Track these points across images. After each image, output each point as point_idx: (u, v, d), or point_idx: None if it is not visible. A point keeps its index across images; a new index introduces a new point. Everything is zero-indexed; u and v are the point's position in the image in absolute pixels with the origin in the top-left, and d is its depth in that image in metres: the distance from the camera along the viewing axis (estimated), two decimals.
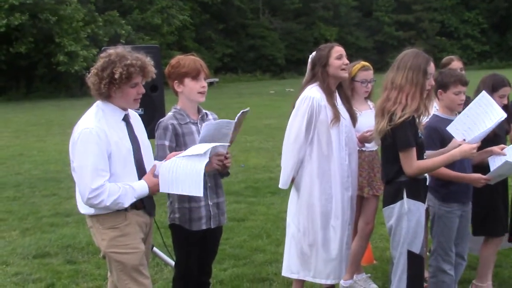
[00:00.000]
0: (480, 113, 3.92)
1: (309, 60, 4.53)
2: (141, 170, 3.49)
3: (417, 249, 3.83)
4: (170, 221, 3.97)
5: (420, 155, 3.83)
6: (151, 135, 3.81)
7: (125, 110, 3.51)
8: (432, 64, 3.85)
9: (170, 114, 3.93)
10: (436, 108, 4.37)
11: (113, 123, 3.43)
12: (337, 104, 4.41)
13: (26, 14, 26.84)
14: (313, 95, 4.36)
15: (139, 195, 3.41)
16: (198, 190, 3.42)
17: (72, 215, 7.43)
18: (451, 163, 3.93)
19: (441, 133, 4.09)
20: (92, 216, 3.47)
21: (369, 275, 5.21)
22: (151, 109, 4.73)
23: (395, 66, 3.84)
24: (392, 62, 3.93)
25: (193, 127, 3.90)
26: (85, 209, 3.47)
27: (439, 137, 4.11)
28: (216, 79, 33.78)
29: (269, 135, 14.22)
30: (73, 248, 6.28)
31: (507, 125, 4.70)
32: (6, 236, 6.85)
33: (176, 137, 3.84)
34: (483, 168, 4.19)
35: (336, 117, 4.35)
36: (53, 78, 30.03)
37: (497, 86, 4.55)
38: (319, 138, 4.37)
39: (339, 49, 4.42)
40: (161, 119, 3.93)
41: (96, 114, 3.40)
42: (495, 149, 4.12)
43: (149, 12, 33.61)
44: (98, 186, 3.27)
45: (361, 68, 4.97)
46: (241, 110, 3.73)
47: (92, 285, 5.29)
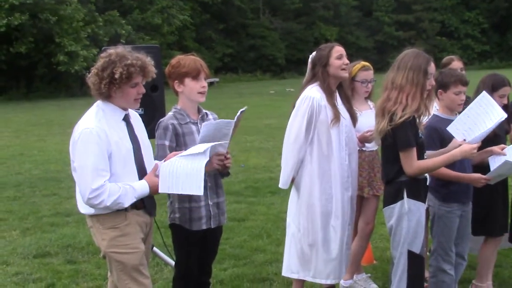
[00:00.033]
0: (481, 113, 3.92)
1: (310, 60, 4.53)
2: (141, 170, 3.49)
3: (418, 249, 3.83)
4: (170, 221, 3.97)
5: (421, 155, 3.83)
6: (151, 135, 3.81)
7: (125, 110, 3.50)
8: (433, 64, 3.85)
9: (170, 114, 3.93)
10: (437, 108, 4.37)
11: (114, 123, 3.43)
12: (337, 104, 4.41)
13: (26, 14, 26.82)
14: (313, 95, 4.36)
15: (139, 195, 3.41)
16: (198, 189, 3.42)
17: (73, 215, 7.43)
18: (451, 163, 3.93)
19: (441, 133, 4.09)
20: (92, 216, 3.47)
21: (369, 275, 5.21)
22: (151, 109, 4.72)
23: (395, 66, 3.84)
24: (392, 62, 3.92)
25: (193, 127, 3.90)
26: (85, 209, 3.47)
27: (439, 137, 4.10)
28: (216, 79, 33.77)
29: (269, 135, 14.21)
30: (74, 248, 6.28)
31: (507, 125, 4.70)
32: (6, 236, 6.85)
33: (176, 137, 3.84)
34: (483, 168, 4.19)
35: (336, 117, 4.35)
36: (53, 78, 30.03)
37: (497, 86, 4.54)
38: (319, 138, 4.36)
39: (339, 49, 4.42)
40: (161, 119, 3.93)
41: (96, 114, 3.40)
42: (495, 149, 4.11)
43: (149, 12, 33.59)
44: (98, 186, 3.27)
45: (361, 68, 4.97)
46: (239, 110, 3.74)
47: (92, 285, 5.29)
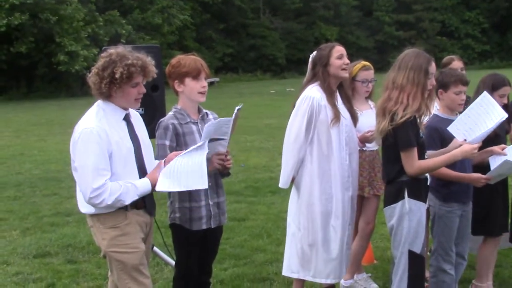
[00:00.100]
0: (481, 113, 3.91)
1: (310, 59, 4.53)
2: (142, 169, 3.49)
3: (418, 249, 3.83)
4: (170, 220, 3.97)
5: (421, 155, 3.83)
6: (151, 134, 3.81)
7: (126, 109, 3.50)
8: (433, 64, 3.85)
9: (170, 113, 3.93)
10: (437, 108, 4.37)
11: (114, 123, 3.43)
12: (337, 104, 4.41)
13: (27, 14, 26.83)
14: (313, 95, 4.35)
15: (141, 193, 3.41)
16: (203, 182, 3.42)
17: (73, 214, 7.43)
18: (452, 163, 3.93)
19: (441, 133, 4.09)
20: (93, 215, 3.47)
21: (369, 274, 5.21)
22: (151, 108, 4.72)
23: (396, 66, 3.83)
24: (392, 62, 3.92)
25: (194, 127, 3.90)
26: (85, 208, 3.47)
27: (439, 137, 4.10)
28: (216, 79, 33.78)
29: (269, 134, 14.21)
30: (74, 247, 6.28)
31: (507, 125, 4.69)
32: (6, 236, 6.85)
33: (176, 136, 3.83)
34: (483, 168, 4.18)
35: (336, 117, 4.34)
36: (53, 77, 30.03)
37: (497, 86, 4.54)
38: (319, 138, 4.36)
39: (340, 49, 4.42)
40: (162, 119, 3.93)
41: (97, 113, 3.40)
42: (496, 149, 4.11)
43: (149, 12, 33.59)
44: (99, 186, 3.27)
45: (362, 67, 4.96)
46: (236, 108, 3.75)
47: (92, 284, 5.29)
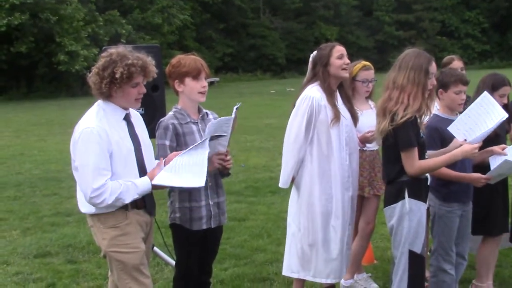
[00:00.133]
0: (482, 113, 3.91)
1: (310, 59, 4.52)
2: (142, 169, 3.48)
3: (418, 249, 3.82)
4: (170, 220, 3.97)
5: (422, 155, 3.82)
6: (151, 134, 3.81)
7: (126, 109, 3.50)
8: (434, 64, 3.85)
9: (170, 113, 3.93)
10: (437, 108, 4.36)
11: (114, 123, 3.42)
12: (337, 104, 4.41)
13: (27, 14, 26.82)
14: (313, 94, 4.35)
15: (142, 191, 3.41)
16: (200, 181, 3.40)
17: (73, 214, 7.43)
18: (452, 163, 3.93)
19: (441, 133, 4.09)
20: (93, 215, 3.47)
21: (369, 274, 5.21)
22: (151, 108, 4.72)
23: (396, 66, 3.83)
24: (393, 62, 3.92)
25: (194, 127, 3.90)
26: (86, 208, 3.47)
27: (439, 136, 4.10)
28: (216, 79, 33.78)
29: (269, 134, 14.21)
30: (74, 247, 6.28)
31: (507, 125, 4.69)
32: (7, 236, 6.85)
33: (176, 136, 3.83)
34: (483, 168, 4.18)
35: (336, 116, 4.34)
36: (53, 77, 30.02)
37: (497, 86, 4.54)
38: (319, 137, 4.36)
39: (340, 49, 4.41)
40: (162, 119, 3.92)
41: (97, 113, 3.40)
42: (496, 149, 4.11)
43: (149, 12, 33.59)
44: (99, 186, 3.27)
45: (362, 67, 4.96)
46: (234, 107, 3.76)
47: (92, 284, 5.29)
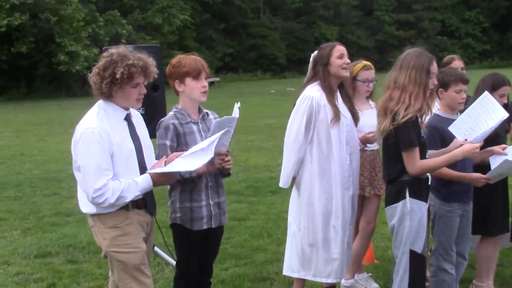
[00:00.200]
0: (482, 113, 3.91)
1: (311, 59, 4.53)
2: (143, 169, 3.48)
3: (419, 249, 3.82)
4: (171, 220, 3.97)
5: (423, 155, 3.82)
6: (152, 134, 3.81)
7: (127, 109, 3.50)
8: (435, 64, 3.84)
9: (171, 113, 3.93)
10: (438, 108, 4.36)
11: (115, 123, 3.43)
12: (337, 104, 4.41)
13: (27, 14, 26.83)
14: (312, 94, 4.35)
15: (142, 189, 3.40)
16: (194, 166, 3.42)
17: (73, 214, 7.43)
18: (452, 163, 3.92)
19: (442, 133, 4.08)
20: (94, 215, 3.47)
21: (370, 274, 5.21)
22: (152, 108, 4.72)
23: (397, 66, 3.83)
24: (393, 62, 3.92)
25: (194, 127, 3.90)
26: (86, 208, 3.47)
27: (440, 136, 4.10)
28: (217, 79, 33.79)
29: (270, 134, 14.21)
30: (74, 247, 6.28)
31: (507, 124, 4.69)
32: (7, 236, 6.85)
33: (177, 136, 3.83)
34: (483, 167, 4.18)
35: (336, 116, 4.34)
36: (54, 78, 30.04)
37: (497, 85, 4.53)
38: (318, 137, 4.36)
39: (340, 48, 4.41)
40: (162, 119, 3.93)
41: (98, 113, 3.40)
42: (496, 149, 4.11)
43: (150, 12, 33.58)
44: (101, 186, 3.28)
45: (362, 67, 4.96)
46: (237, 107, 3.76)
47: (93, 284, 5.29)
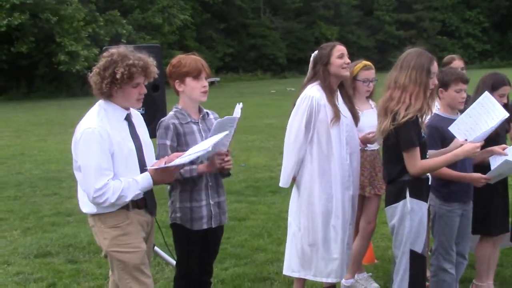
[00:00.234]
0: (482, 113, 3.91)
1: (311, 59, 4.53)
2: (143, 169, 3.48)
3: (420, 249, 3.82)
4: (171, 220, 3.97)
5: (423, 155, 3.82)
6: (152, 134, 3.81)
7: (127, 109, 3.50)
8: (436, 63, 3.84)
9: (171, 113, 3.93)
10: (438, 107, 4.36)
11: (116, 123, 3.43)
12: (338, 103, 4.41)
13: (27, 14, 26.84)
14: (312, 94, 4.35)
15: (143, 187, 3.40)
16: (188, 158, 3.41)
17: (73, 214, 7.43)
18: (452, 163, 3.92)
19: (442, 132, 4.08)
20: (94, 215, 3.47)
21: (370, 274, 5.21)
22: (152, 108, 4.72)
23: (398, 65, 3.83)
24: (393, 61, 3.92)
25: (194, 127, 3.90)
26: (86, 208, 3.47)
27: (440, 136, 4.10)
28: (217, 79, 33.79)
29: (270, 134, 14.21)
30: (75, 247, 6.28)
31: (507, 124, 4.69)
32: (7, 236, 6.85)
33: (177, 136, 3.83)
34: (483, 167, 4.18)
35: (336, 116, 4.34)
36: (54, 77, 30.04)
37: (497, 85, 4.53)
38: (318, 137, 4.36)
39: (340, 48, 4.41)
40: (163, 119, 3.93)
41: (98, 113, 3.40)
42: (496, 149, 4.11)
43: (150, 12, 33.59)
44: (102, 186, 3.28)
45: (363, 67, 4.96)
46: (239, 107, 3.76)
47: (93, 284, 5.29)
